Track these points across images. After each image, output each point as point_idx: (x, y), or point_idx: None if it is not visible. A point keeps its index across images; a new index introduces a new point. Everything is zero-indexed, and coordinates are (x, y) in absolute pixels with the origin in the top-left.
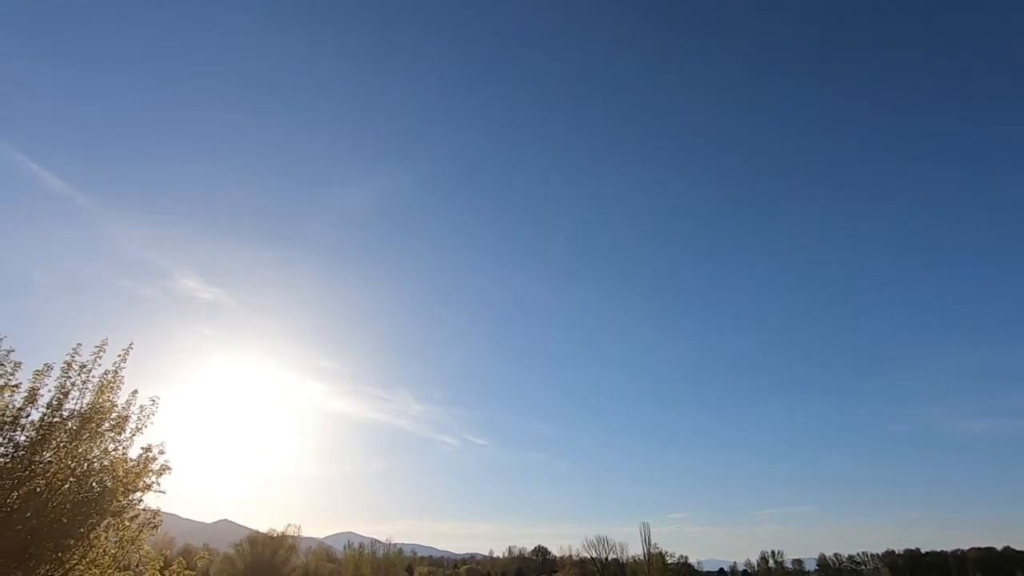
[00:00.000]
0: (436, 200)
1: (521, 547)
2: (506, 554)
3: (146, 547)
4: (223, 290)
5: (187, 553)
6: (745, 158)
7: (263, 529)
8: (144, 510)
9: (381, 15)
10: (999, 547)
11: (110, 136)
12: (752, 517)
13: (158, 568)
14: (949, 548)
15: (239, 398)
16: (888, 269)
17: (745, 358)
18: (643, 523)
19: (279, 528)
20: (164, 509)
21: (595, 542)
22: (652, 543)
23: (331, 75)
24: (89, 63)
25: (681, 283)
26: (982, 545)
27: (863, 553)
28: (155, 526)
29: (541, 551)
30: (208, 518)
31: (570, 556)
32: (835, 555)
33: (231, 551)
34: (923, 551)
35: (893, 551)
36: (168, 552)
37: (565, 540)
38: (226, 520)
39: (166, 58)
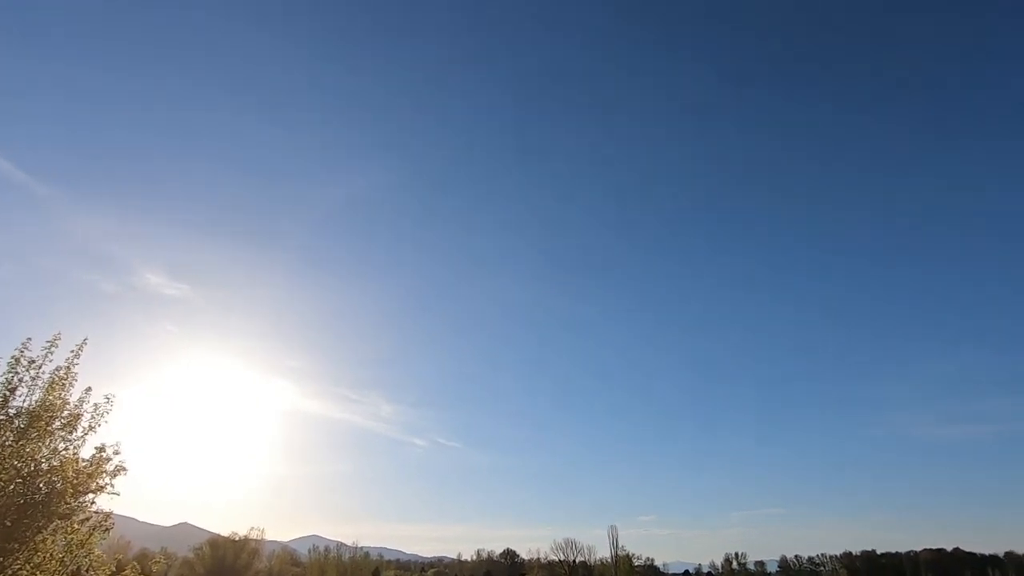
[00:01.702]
0: (415, 200)
1: (490, 550)
2: (475, 557)
3: (97, 551)
4: (189, 286)
5: (143, 557)
6: (724, 164)
7: (225, 532)
8: (96, 513)
9: (362, 9)
10: (950, 548)
11: (73, 127)
12: (720, 520)
13: (108, 573)
14: (904, 549)
15: (204, 397)
16: (863, 276)
17: (718, 362)
18: (611, 526)
19: (242, 531)
20: (119, 512)
21: (563, 545)
22: (620, 545)
23: (308, 69)
24: (51, 52)
25: (658, 287)
26: (934, 546)
27: (822, 554)
28: (107, 529)
29: (510, 554)
30: (167, 521)
31: (538, 559)
32: (796, 556)
33: (190, 555)
34: (879, 552)
35: (851, 552)
36: (121, 556)
37: (535, 543)
38: (186, 523)
39: (132, 49)
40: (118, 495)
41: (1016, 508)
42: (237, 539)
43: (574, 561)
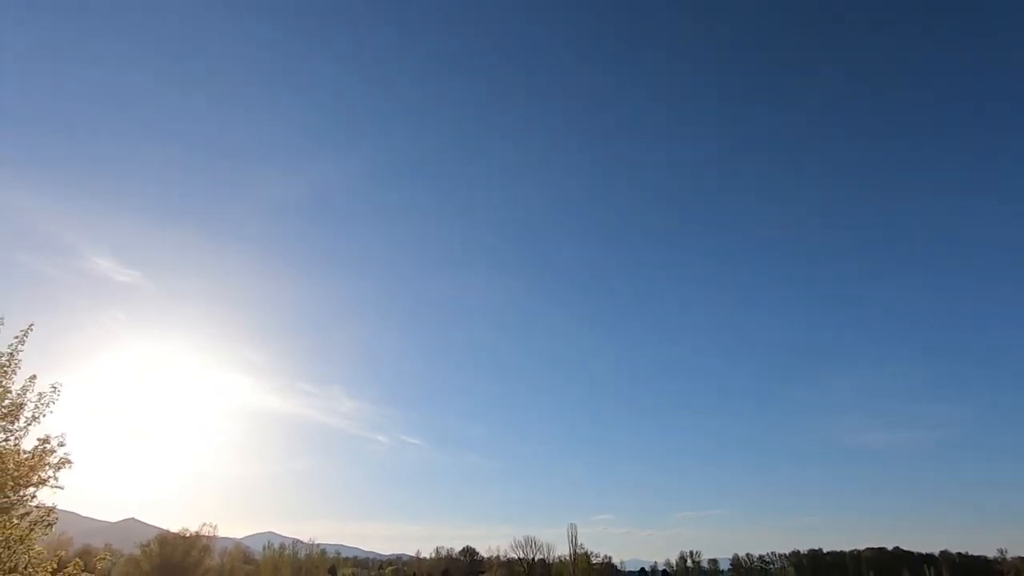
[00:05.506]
0: (380, 192)
1: (449, 548)
2: (433, 555)
3: (37, 547)
4: (141, 273)
5: (86, 554)
6: (679, 172)
7: (175, 529)
8: (37, 507)
9: None
10: (889, 547)
11: (13, 99)
12: (671, 519)
13: (50, 570)
14: (847, 548)
15: (154, 389)
16: (791, 296)
17: (671, 370)
18: (570, 524)
19: (193, 528)
20: (62, 506)
21: (523, 543)
22: (578, 544)
23: (278, 52)
24: None
25: (626, 293)
26: (876, 545)
27: (772, 553)
28: (49, 524)
29: (469, 552)
30: (113, 517)
31: (497, 557)
32: (747, 555)
33: (137, 552)
34: (824, 551)
35: (798, 551)
36: (63, 553)
37: (495, 541)
38: (133, 519)
39: (88, 19)
40: (62, 489)
41: (950, 510)
42: (188, 536)
43: (533, 559)
